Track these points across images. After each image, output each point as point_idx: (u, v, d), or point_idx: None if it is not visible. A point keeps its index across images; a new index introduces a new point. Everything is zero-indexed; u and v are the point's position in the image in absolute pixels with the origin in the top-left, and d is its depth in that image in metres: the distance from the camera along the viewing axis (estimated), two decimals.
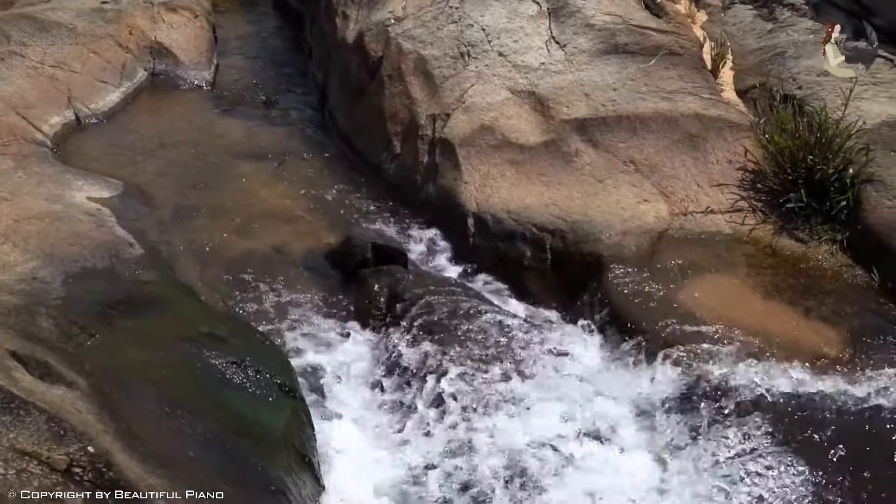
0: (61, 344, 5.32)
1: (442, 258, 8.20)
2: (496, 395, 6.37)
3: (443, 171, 8.60)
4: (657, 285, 7.23)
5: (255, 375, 5.80)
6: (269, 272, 7.78)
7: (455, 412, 6.29)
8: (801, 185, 7.81)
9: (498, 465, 5.93)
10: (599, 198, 7.98)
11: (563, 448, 6.09)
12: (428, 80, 9.25)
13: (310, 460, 5.63)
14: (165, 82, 10.95)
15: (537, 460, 5.98)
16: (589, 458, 6.06)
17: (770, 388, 6.32)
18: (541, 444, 6.09)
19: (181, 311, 6.51)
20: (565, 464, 5.98)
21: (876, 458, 5.82)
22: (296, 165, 9.52)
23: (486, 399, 6.34)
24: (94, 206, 7.70)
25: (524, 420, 6.24)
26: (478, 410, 6.27)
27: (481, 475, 5.89)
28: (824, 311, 7.11)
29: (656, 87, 8.84)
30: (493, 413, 6.26)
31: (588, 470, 5.97)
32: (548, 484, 5.83)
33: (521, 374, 6.56)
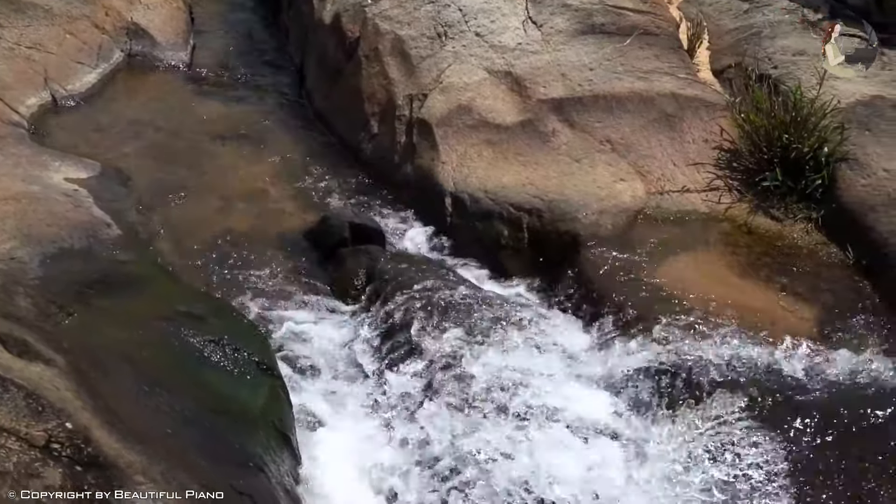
0: (39, 322, 5.33)
1: (419, 237, 8.21)
2: (472, 371, 6.40)
3: (420, 151, 8.62)
4: (633, 263, 7.28)
5: (233, 354, 5.81)
6: (247, 252, 7.79)
7: (432, 389, 6.34)
8: (777, 163, 7.85)
9: (474, 442, 5.96)
10: (576, 177, 8.00)
11: (538, 423, 6.13)
12: (405, 60, 9.25)
13: (288, 437, 5.66)
14: (142, 63, 10.89)
15: (512, 436, 6.02)
16: (561, 434, 6.10)
17: (745, 365, 6.38)
18: (518, 419, 6.13)
19: (159, 291, 6.52)
20: (537, 438, 6.02)
21: (850, 434, 5.90)
22: (273, 146, 9.50)
23: (463, 375, 6.38)
24: (72, 187, 7.69)
25: (500, 395, 6.26)
26: (455, 386, 6.31)
27: (459, 450, 5.93)
28: (799, 289, 7.17)
29: (632, 67, 8.87)
30: (470, 389, 6.30)
31: (558, 445, 6.01)
32: (518, 457, 5.88)
33: (498, 350, 6.59)
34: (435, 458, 5.91)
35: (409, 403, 6.33)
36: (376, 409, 6.35)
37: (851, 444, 5.82)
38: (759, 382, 6.24)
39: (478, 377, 6.38)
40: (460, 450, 5.92)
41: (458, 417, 6.14)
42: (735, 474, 5.79)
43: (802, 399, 6.13)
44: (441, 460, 5.90)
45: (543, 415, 6.18)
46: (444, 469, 5.83)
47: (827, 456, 5.78)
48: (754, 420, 6.02)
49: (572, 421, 6.19)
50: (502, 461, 5.85)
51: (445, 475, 5.80)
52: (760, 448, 5.88)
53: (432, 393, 6.33)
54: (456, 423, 6.10)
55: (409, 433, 6.11)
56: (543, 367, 6.54)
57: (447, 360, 6.49)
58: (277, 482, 5.18)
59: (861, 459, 5.75)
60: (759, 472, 5.78)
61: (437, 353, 6.55)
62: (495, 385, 6.33)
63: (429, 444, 6.01)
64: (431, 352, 6.56)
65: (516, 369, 6.47)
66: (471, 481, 5.74)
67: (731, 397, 6.16)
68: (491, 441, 5.97)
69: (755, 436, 5.93)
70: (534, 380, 6.40)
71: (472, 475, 5.77)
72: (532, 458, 5.87)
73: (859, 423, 5.94)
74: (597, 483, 5.78)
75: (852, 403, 6.08)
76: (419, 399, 6.33)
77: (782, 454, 5.83)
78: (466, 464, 5.84)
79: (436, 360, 6.52)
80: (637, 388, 6.40)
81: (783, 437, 5.90)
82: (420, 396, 6.35)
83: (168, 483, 4.23)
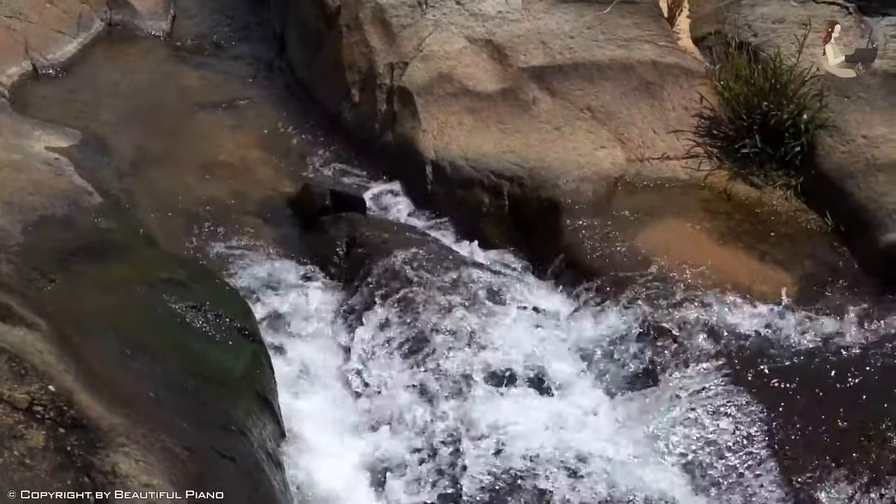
0: (22, 288, 5.33)
1: (401, 205, 8.24)
2: (452, 337, 6.44)
3: (401, 119, 8.62)
4: (614, 230, 7.31)
5: (215, 319, 5.82)
6: (229, 220, 7.80)
7: (412, 355, 6.39)
8: (756, 131, 7.88)
9: (450, 408, 6.03)
10: (557, 145, 8.02)
11: (516, 389, 6.20)
12: (386, 29, 9.23)
13: (270, 402, 5.69)
14: (122, 32, 10.85)
15: (488, 402, 6.08)
16: (537, 400, 6.17)
17: (725, 331, 6.44)
18: (494, 385, 6.20)
19: (140, 257, 6.54)
20: (517, 402, 6.09)
21: (828, 398, 5.96)
22: (254, 115, 9.50)
23: (442, 341, 6.41)
24: (53, 156, 7.67)
25: (478, 360, 6.32)
26: (434, 353, 6.36)
27: (436, 415, 5.99)
28: (779, 255, 7.22)
29: (613, 35, 8.86)
30: (449, 354, 6.34)
31: (534, 408, 6.08)
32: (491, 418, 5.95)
33: (478, 316, 6.62)
34: (413, 423, 5.99)
35: (386, 369, 6.38)
36: (354, 375, 6.39)
37: (830, 408, 5.87)
38: (738, 347, 6.30)
39: (457, 343, 6.42)
40: (436, 414, 6.00)
41: (437, 382, 6.20)
42: (714, 438, 5.84)
43: (782, 364, 6.19)
44: (418, 425, 5.98)
45: (522, 379, 6.24)
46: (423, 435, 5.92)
47: (806, 419, 5.84)
48: (734, 385, 6.08)
49: (548, 385, 6.27)
50: (477, 423, 5.91)
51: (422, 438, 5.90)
52: (740, 412, 5.93)
53: (410, 358, 6.38)
54: (435, 387, 6.16)
55: (389, 400, 6.17)
56: (523, 333, 6.58)
57: (427, 326, 6.52)
58: (260, 445, 5.21)
59: (840, 423, 5.80)
60: (738, 435, 5.82)
61: (417, 319, 6.58)
62: (474, 350, 6.38)
63: (405, 408, 6.08)
64: (411, 318, 6.60)
65: (496, 335, 6.51)
66: (447, 442, 5.82)
67: (711, 362, 6.22)
68: (466, 404, 6.04)
69: (734, 400, 5.98)
70: (512, 345, 6.45)
71: (448, 437, 5.85)
72: (507, 419, 5.94)
73: (838, 387, 6.00)
74: (573, 446, 5.83)
75: (831, 368, 6.14)
76: (397, 364, 6.39)
77: (762, 418, 5.88)
78: (443, 427, 5.92)
79: (416, 326, 6.55)
80: (616, 353, 6.44)
81: (763, 402, 5.96)
82: (398, 362, 6.40)
83: (151, 445, 4.25)
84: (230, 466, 4.73)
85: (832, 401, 5.92)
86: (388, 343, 6.55)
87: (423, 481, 5.67)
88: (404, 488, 5.67)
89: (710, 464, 5.75)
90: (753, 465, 5.69)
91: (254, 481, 4.87)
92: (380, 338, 6.59)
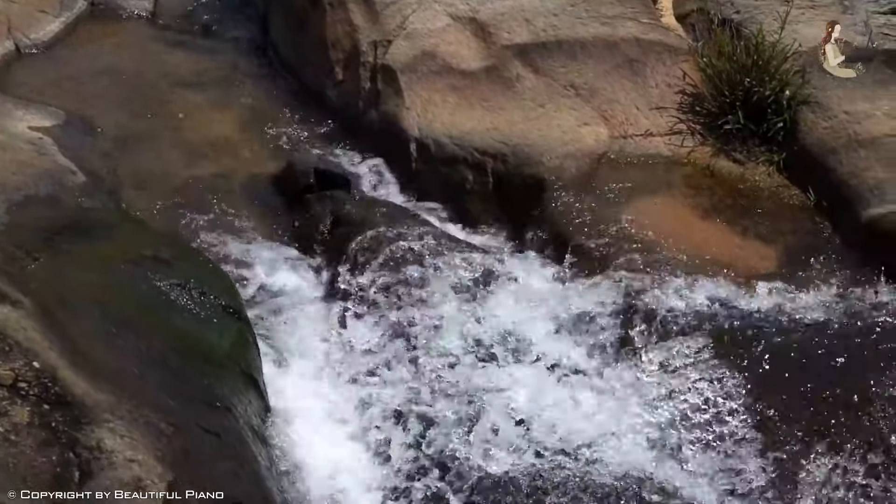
0: (6, 267, 5.34)
1: (385, 183, 8.23)
2: (437, 312, 6.48)
3: (385, 97, 8.61)
4: (597, 206, 7.33)
5: (200, 297, 5.84)
6: (213, 198, 7.78)
7: (397, 331, 6.42)
8: (739, 107, 7.89)
9: (437, 380, 6.09)
10: (540, 122, 8.04)
11: (502, 362, 6.26)
12: (369, 7, 9.19)
13: (255, 379, 5.71)
14: (105, 12, 10.81)
15: (472, 373, 6.14)
16: (521, 372, 6.21)
17: (707, 306, 6.47)
18: (479, 358, 6.25)
19: (125, 235, 6.53)
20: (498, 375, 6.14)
21: (809, 371, 5.96)
22: (238, 94, 9.48)
23: (427, 317, 6.45)
24: (36, 136, 7.66)
25: (463, 334, 6.37)
26: (415, 328, 6.41)
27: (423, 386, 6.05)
28: (761, 230, 7.27)
29: (596, 13, 8.85)
30: (431, 330, 6.38)
31: (518, 382, 6.11)
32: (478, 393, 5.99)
33: (460, 293, 6.65)
34: (396, 398, 6.04)
35: (372, 346, 6.42)
36: (340, 351, 6.42)
37: (812, 381, 5.89)
38: (722, 322, 6.31)
39: (443, 319, 6.45)
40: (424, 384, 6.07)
41: (423, 357, 6.24)
42: (698, 412, 5.87)
43: (765, 338, 6.20)
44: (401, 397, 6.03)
45: (507, 354, 6.28)
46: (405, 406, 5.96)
47: (789, 392, 5.86)
48: (718, 358, 6.09)
49: (534, 360, 6.31)
50: (463, 396, 5.96)
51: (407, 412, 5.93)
52: (723, 385, 5.95)
53: (396, 334, 6.42)
54: (422, 361, 6.21)
55: (371, 376, 6.22)
56: (508, 309, 6.60)
57: (412, 302, 6.55)
58: (245, 422, 5.24)
59: (821, 395, 5.82)
60: (721, 409, 5.86)
61: (402, 296, 6.61)
62: (459, 326, 6.41)
63: (389, 384, 6.13)
64: (396, 295, 6.63)
65: (480, 310, 6.55)
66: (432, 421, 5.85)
67: (695, 336, 6.24)
68: (450, 377, 6.09)
69: (718, 373, 6.00)
70: (498, 321, 6.49)
71: (433, 415, 5.88)
72: (495, 394, 5.97)
73: (820, 361, 6.01)
74: (558, 419, 5.86)
75: (813, 341, 6.15)
76: (383, 340, 6.42)
77: (745, 391, 5.90)
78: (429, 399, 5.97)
79: (400, 303, 6.58)
80: (601, 328, 6.47)
81: (746, 375, 5.97)
82: (383, 339, 6.43)
83: (135, 420, 4.28)
84: (215, 442, 4.76)
85: (813, 374, 5.94)
86: (373, 320, 6.58)
87: (411, 453, 5.72)
88: (394, 459, 5.72)
89: (690, 437, 5.78)
90: (734, 439, 5.73)
91: (239, 457, 4.90)
92: (365, 315, 6.62)
